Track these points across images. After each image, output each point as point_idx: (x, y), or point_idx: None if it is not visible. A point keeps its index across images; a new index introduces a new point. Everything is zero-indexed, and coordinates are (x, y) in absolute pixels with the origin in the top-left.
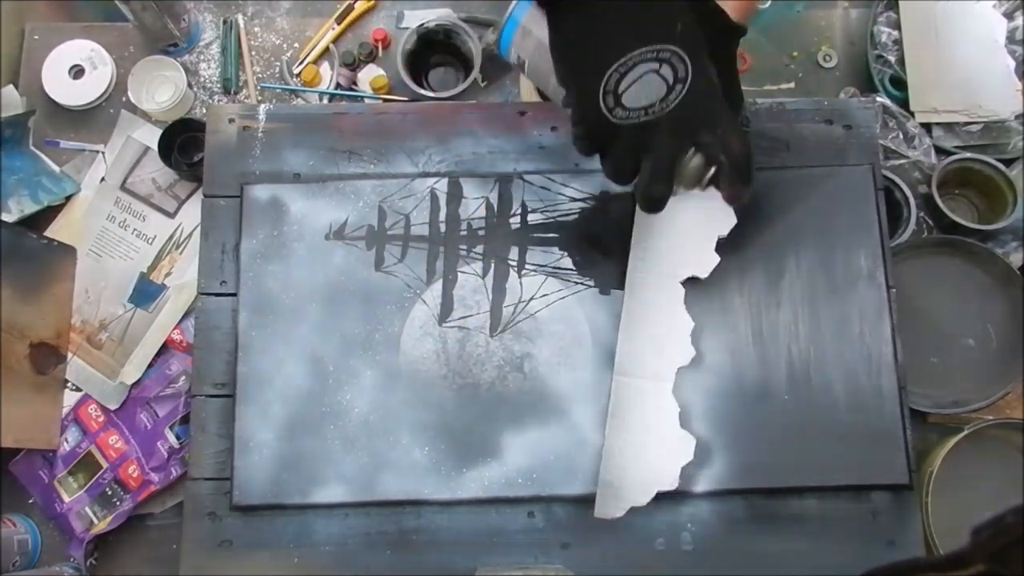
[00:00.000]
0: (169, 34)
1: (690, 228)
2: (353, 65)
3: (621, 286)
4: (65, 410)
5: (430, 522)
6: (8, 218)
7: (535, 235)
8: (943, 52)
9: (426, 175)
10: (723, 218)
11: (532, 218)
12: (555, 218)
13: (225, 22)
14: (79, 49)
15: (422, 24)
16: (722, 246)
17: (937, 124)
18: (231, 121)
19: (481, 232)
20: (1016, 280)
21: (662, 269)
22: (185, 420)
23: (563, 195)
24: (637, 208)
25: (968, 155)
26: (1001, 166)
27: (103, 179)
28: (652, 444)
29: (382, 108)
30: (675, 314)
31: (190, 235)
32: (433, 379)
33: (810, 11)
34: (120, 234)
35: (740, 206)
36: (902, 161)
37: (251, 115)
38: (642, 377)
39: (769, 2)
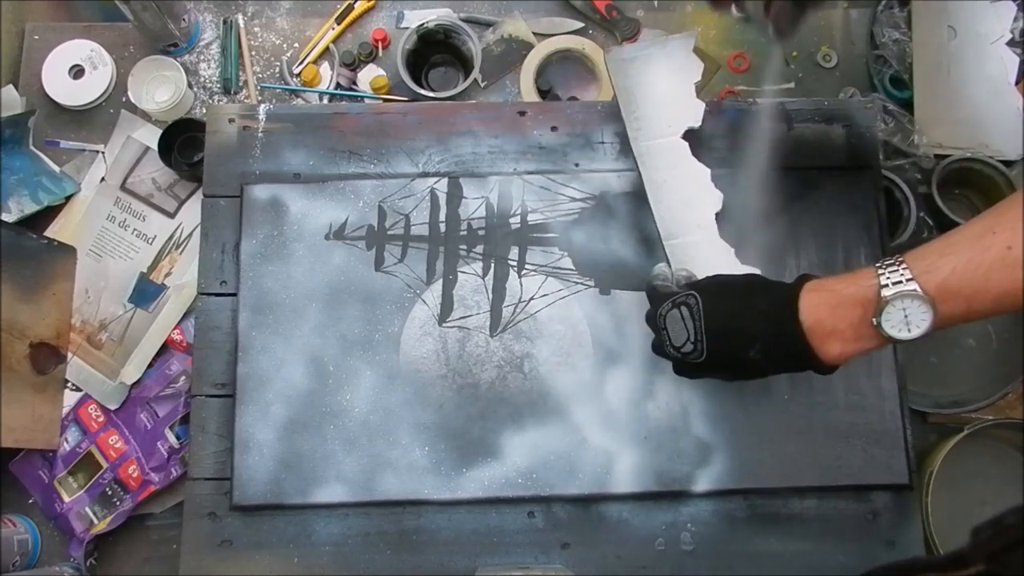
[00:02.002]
0: (169, 34)
1: (667, 84)
2: (353, 65)
3: (621, 286)
4: (65, 410)
5: (430, 522)
6: (8, 218)
7: (535, 235)
8: (953, 89)
9: (426, 175)
10: (690, 67)
11: (532, 218)
12: (555, 218)
13: (225, 22)
14: (79, 49)
15: (422, 24)
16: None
17: None
18: (231, 121)
19: (481, 232)
20: None
21: (661, 130)
22: (185, 420)
23: (563, 195)
24: (615, 77)
25: (968, 155)
26: (1001, 166)
27: (103, 179)
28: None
29: (382, 108)
30: (690, 166)
31: (190, 235)
32: (433, 379)
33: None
34: (120, 234)
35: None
36: (902, 161)
37: (251, 115)
38: (688, 234)
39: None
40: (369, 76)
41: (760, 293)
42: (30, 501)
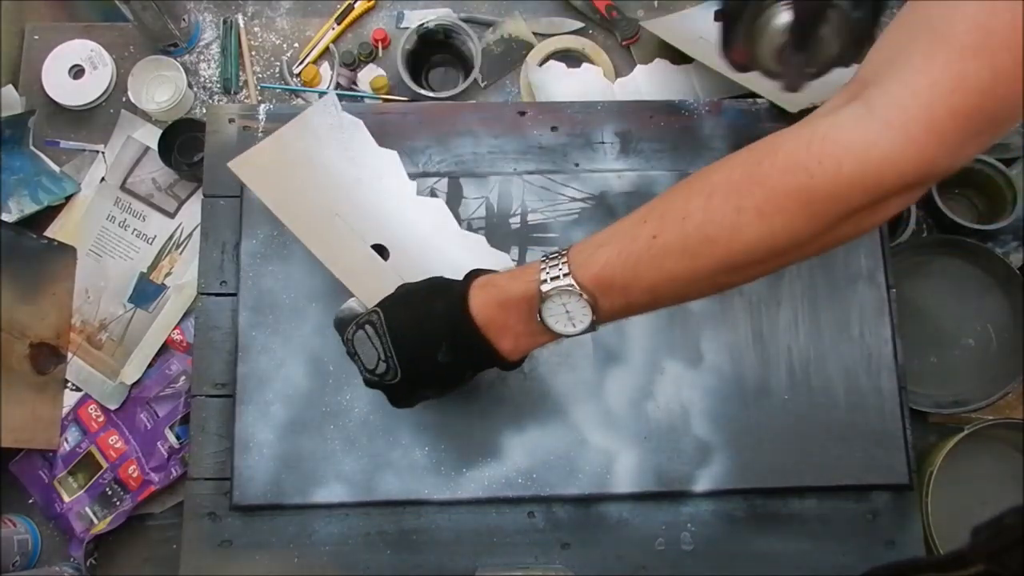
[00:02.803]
0: (169, 34)
1: None
2: (353, 65)
3: None
4: (65, 410)
5: (430, 522)
6: (8, 218)
7: (535, 235)
8: None
9: (426, 175)
10: None
11: (532, 218)
12: (555, 218)
13: (225, 22)
14: (79, 49)
15: (422, 24)
16: None
17: None
18: (231, 121)
19: (481, 232)
20: (1016, 280)
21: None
22: (185, 420)
23: (563, 195)
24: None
25: None
26: (1001, 166)
27: (103, 179)
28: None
29: (382, 108)
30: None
31: (190, 235)
32: None
33: None
34: (120, 234)
35: None
36: None
37: (251, 115)
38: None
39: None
40: (369, 76)
41: (438, 295)
42: (30, 501)
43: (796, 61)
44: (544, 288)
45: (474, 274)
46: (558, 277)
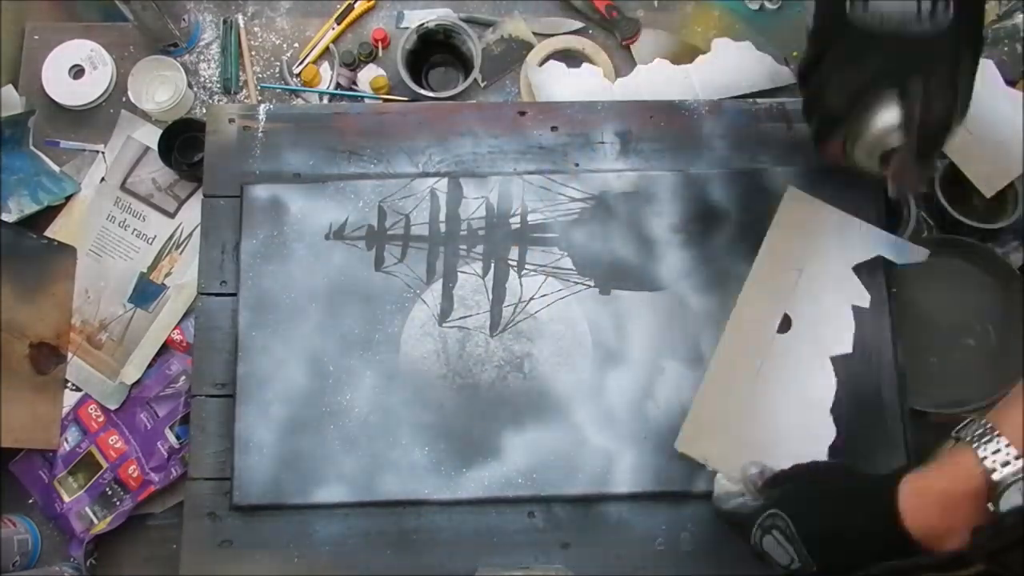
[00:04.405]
0: (169, 34)
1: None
2: (353, 65)
3: (621, 286)
4: (65, 410)
5: (430, 522)
6: (8, 218)
7: (535, 235)
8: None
9: (426, 175)
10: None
11: (532, 218)
12: (555, 218)
13: (225, 22)
14: (79, 49)
15: (422, 24)
16: (722, 245)
17: None
18: (231, 121)
19: (481, 232)
20: (1016, 280)
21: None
22: (185, 420)
23: (563, 195)
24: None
25: None
26: None
27: (103, 179)
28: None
29: (382, 108)
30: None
31: (190, 235)
32: (433, 379)
33: None
34: (120, 234)
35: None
36: None
37: (251, 115)
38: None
39: (780, 3)
40: (369, 76)
41: (855, 504)
42: (30, 501)
43: (915, 171)
44: (997, 477)
45: (891, 480)
46: (1009, 462)
